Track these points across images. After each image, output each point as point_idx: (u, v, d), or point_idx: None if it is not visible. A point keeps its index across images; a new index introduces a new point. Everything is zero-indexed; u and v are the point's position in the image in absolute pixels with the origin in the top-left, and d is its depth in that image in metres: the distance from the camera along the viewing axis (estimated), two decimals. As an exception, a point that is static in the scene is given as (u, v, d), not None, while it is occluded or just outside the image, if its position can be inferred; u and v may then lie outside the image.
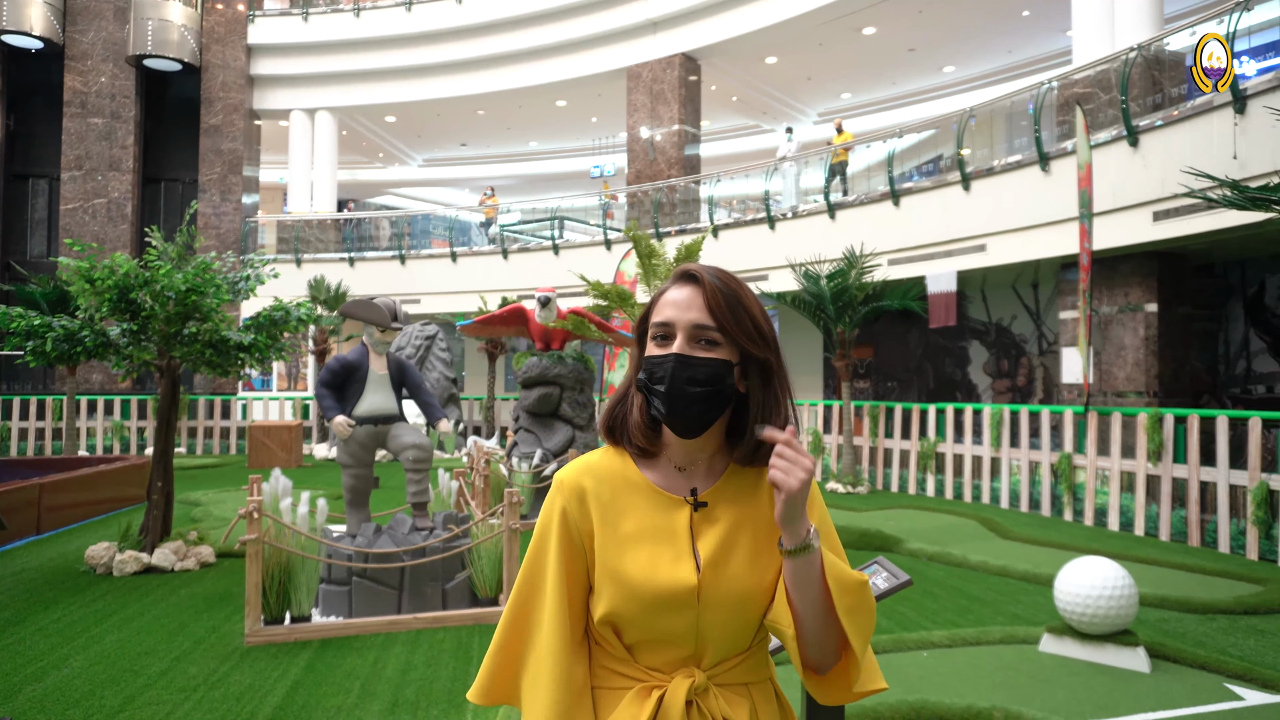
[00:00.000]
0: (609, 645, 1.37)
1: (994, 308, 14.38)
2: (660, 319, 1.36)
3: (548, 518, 1.40)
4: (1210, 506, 8.29)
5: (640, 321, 1.42)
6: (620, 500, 1.37)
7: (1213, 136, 9.22)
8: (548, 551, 1.37)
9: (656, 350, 1.35)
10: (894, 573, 2.43)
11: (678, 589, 1.32)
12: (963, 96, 20.11)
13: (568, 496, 1.38)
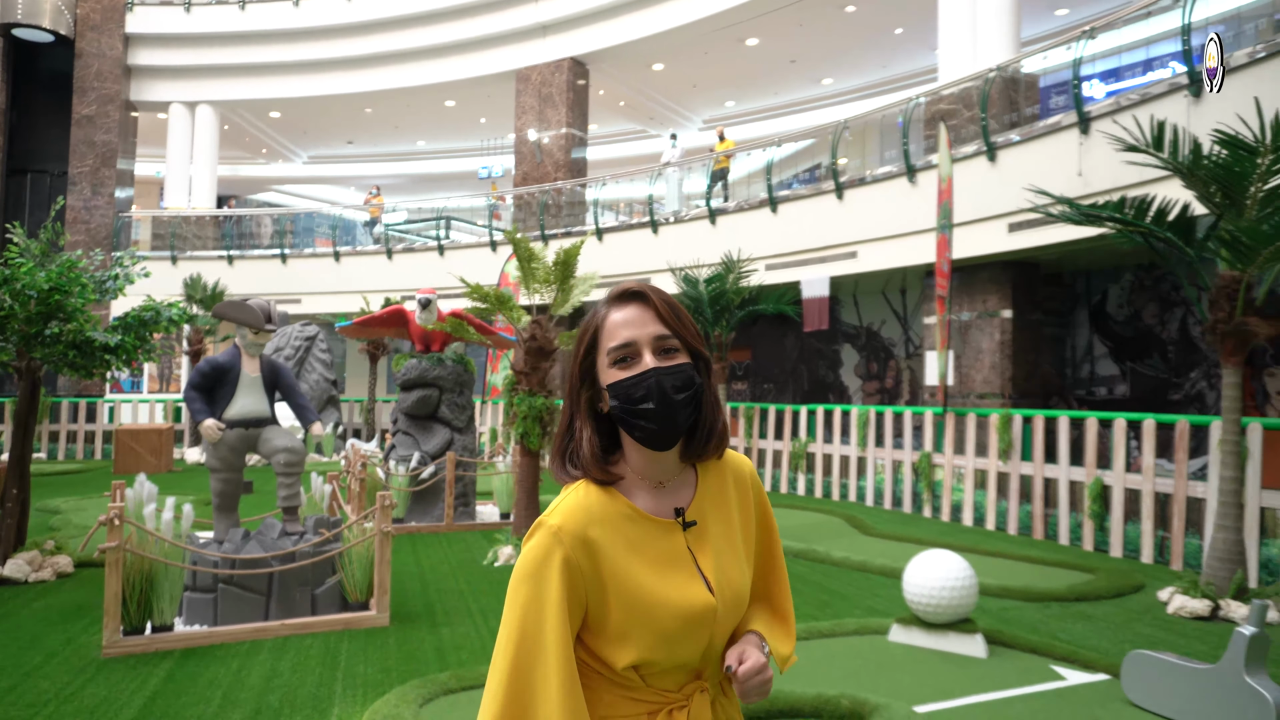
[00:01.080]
0: (619, 677, 1.33)
1: (865, 312, 15.02)
2: (619, 341, 1.34)
3: (542, 570, 1.27)
4: (1053, 501, 8.91)
5: (585, 354, 1.39)
6: (623, 538, 1.32)
7: (1061, 154, 9.91)
8: (546, 608, 1.25)
9: (622, 374, 1.34)
10: None
11: (699, 613, 1.32)
12: (841, 108, 20.88)
13: (571, 546, 1.28)
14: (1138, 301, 11.54)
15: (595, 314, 1.41)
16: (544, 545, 1.28)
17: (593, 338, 1.38)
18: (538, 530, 1.30)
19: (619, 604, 1.29)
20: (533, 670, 1.24)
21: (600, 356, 1.37)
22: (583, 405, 1.39)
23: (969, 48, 12.88)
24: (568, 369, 1.44)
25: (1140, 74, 12.90)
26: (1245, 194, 5.79)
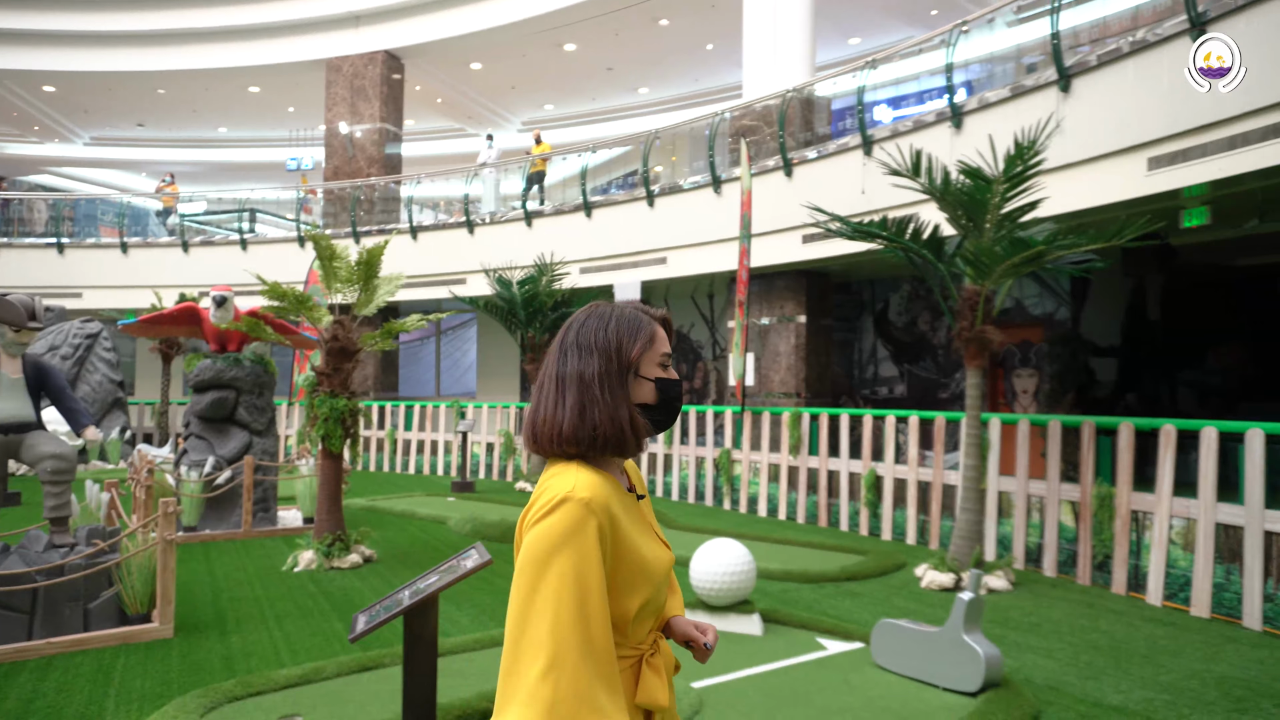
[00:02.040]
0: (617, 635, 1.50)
1: (675, 316, 15.63)
2: (667, 350, 1.62)
3: (578, 537, 1.39)
4: (835, 491, 9.69)
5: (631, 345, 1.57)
6: (622, 508, 1.50)
7: (848, 173, 10.75)
8: (591, 568, 1.39)
9: (666, 375, 1.61)
10: (481, 554, 2.80)
11: (666, 567, 1.58)
12: (657, 117, 21.55)
13: (601, 516, 1.42)
14: (914, 310, 12.68)
15: (642, 321, 1.61)
16: (578, 515, 1.40)
17: (649, 340, 1.60)
18: (566, 503, 1.41)
19: (627, 562, 1.47)
20: (590, 622, 1.37)
21: (651, 356, 1.59)
22: (628, 392, 1.56)
23: (770, 68, 13.69)
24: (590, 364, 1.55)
25: (918, 103, 14.18)
26: (985, 218, 6.58)
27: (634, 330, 1.59)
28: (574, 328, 1.61)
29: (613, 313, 1.61)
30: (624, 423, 1.53)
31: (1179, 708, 4.31)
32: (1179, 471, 6.39)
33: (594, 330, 1.58)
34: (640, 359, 1.58)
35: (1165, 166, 7.39)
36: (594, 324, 1.59)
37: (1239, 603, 5.88)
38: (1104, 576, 6.89)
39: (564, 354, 1.58)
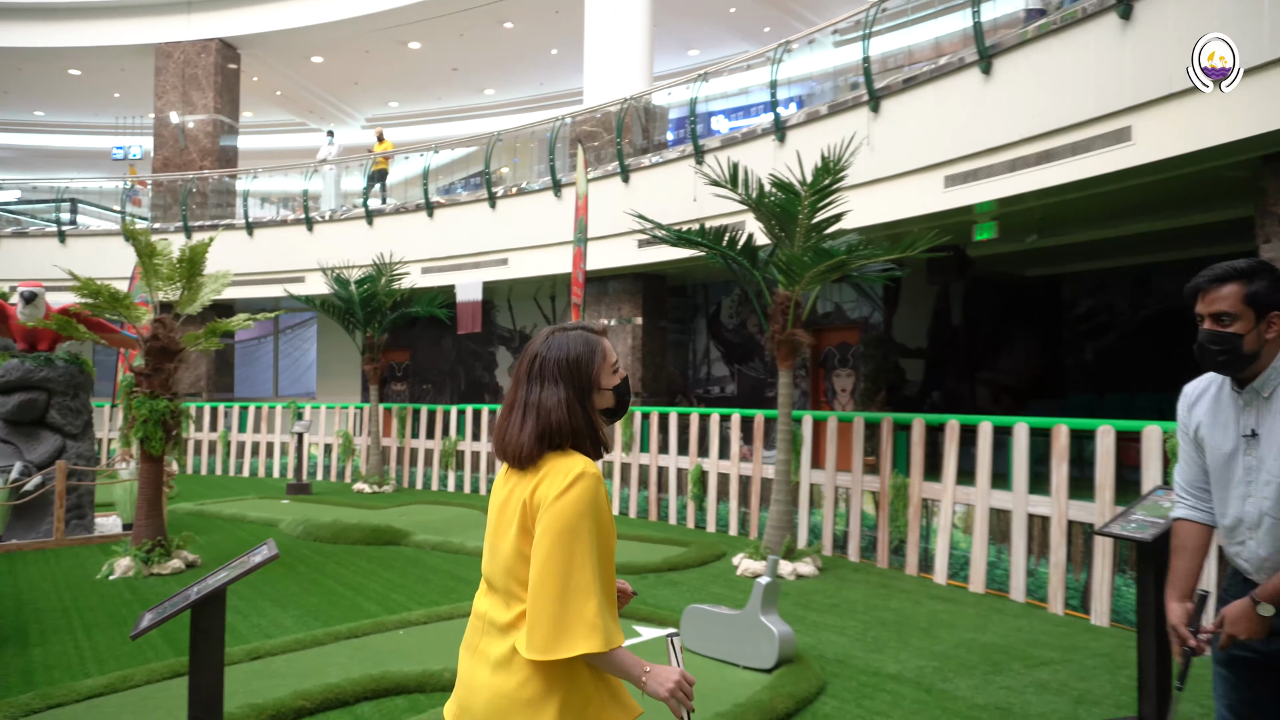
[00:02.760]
0: None
1: (518, 316, 15.77)
2: (614, 357, 1.92)
3: (598, 501, 1.76)
4: (665, 487, 10.11)
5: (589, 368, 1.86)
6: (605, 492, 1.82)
7: (682, 181, 11.17)
8: (606, 524, 1.77)
9: (618, 379, 1.91)
10: (271, 549, 2.92)
11: None
12: (503, 119, 21.55)
13: (602, 489, 1.79)
14: (744, 312, 13.32)
15: (595, 340, 1.91)
16: (593, 486, 1.76)
17: (600, 358, 1.89)
18: (583, 477, 1.75)
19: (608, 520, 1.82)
20: (608, 565, 1.77)
21: (606, 369, 1.89)
22: (592, 403, 1.87)
23: (610, 76, 14.03)
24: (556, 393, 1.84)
25: (754, 115, 14.85)
26: (795, 228, 7.09)
27: (589, 353, 1.87)
28: (537, 359, 1.88)
29: (568, 342, 1.88)
30: (585, 436, 1.85)
31: (944, 673, 4.85)
32: (965, 462, 7.09)
33: (556, 361, 1.86)
34: (599, 375, 1.88)
35: (959, 184, 8.15)
36: (555, 355, 1.86)
37: (1008, 578, 6.60)
38: (899, 559, 7.55)
39: (530, 383, 1.86)
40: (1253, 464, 2.24)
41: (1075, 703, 4.40)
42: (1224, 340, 2.23)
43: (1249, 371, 2.26)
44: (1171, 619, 2.37)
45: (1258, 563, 2.26)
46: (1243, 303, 2.22)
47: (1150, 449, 5.74)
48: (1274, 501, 2.20)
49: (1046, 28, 7.31)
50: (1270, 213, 6.39)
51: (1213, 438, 2.35)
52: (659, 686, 1.74)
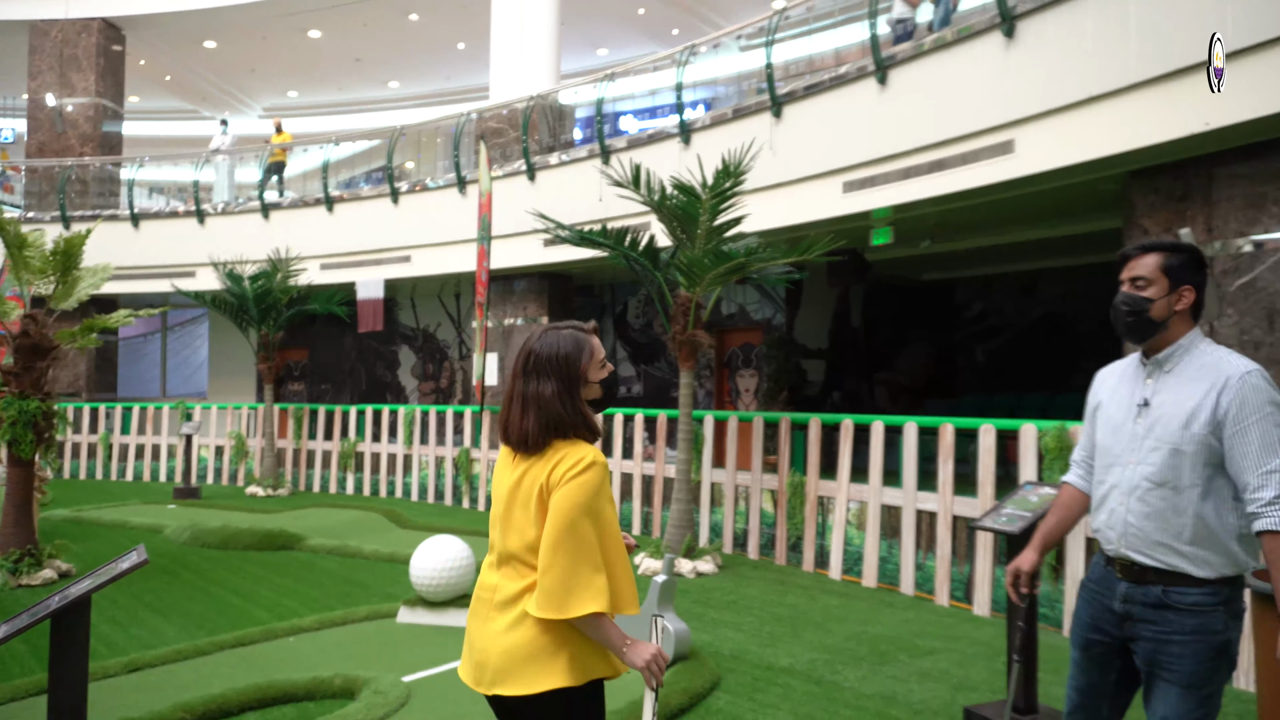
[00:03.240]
0: None
1: (422, 315, 15.50)
2: (603, 354, 2.13)
3: (605, 487, 2.01)
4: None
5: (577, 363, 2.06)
6: None
7: (588, 181, 11.14)
8: (610, 505, 2.02)
9: (606, 373, 2.12)
10: (140, 555, 2.80)
11: None
12: (408, 112, 21.13)
13: (606, 470, 2.04)
14: (649, 313, 13.41)
15: (584, 338, 2.10)
16: (601, 472, 2.00)
17: (590, 353, 2.09)
18: (593, 465, 1.99)
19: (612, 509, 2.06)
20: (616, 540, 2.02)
21: (594, 364, 2.09)
22: (581, 397, 2.08)
23: (517, 72, 13.91)
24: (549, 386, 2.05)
25: (663, 115, 14.95)
26: (696, 230, 7.16)
27: (578, 350, 2.07)
28: (531, 355, 2.08)
29: (559, 340, 2.08)
30: (578, 425, 2.05)
31: (834, 665, 4.98)
32: (860, 460, 7.29)
33: (548, 357, 2.06)
34: (587, 370, 2.08)
35: (857, 190, 8.37)
36: (547, 351, 2.07)
37: (898, 572, 6.82)
38: (797, 556, 7.71)
39: (525, 377, 2.07)
40: (1139, 432, 2.34)
41: (954, 689, 4.58)
42: (1134, 302, 2.33)
43: (1156, 343, 2.36)
44: (1020, 563, 2.51)
45: (1122, 528, 2.34)
46: (1159, 270, 2.32)
47: (1026, 446, 6.01)
48: (1158, 468, 2.28)
49: (943, 41, 7.58)
50: (1137, 224, 6.77)
51: (1108, 409, 2.47)
52: (637, 657, 1.98)
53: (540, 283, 12.36)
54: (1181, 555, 2.26)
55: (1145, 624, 2.31)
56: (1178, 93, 5.97)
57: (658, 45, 18.07)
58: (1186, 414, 2.26)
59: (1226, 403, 2.22)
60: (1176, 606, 2.26)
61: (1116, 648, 2.42)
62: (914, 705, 4.35)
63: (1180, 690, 2.24)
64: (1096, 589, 2.47)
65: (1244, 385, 2.22)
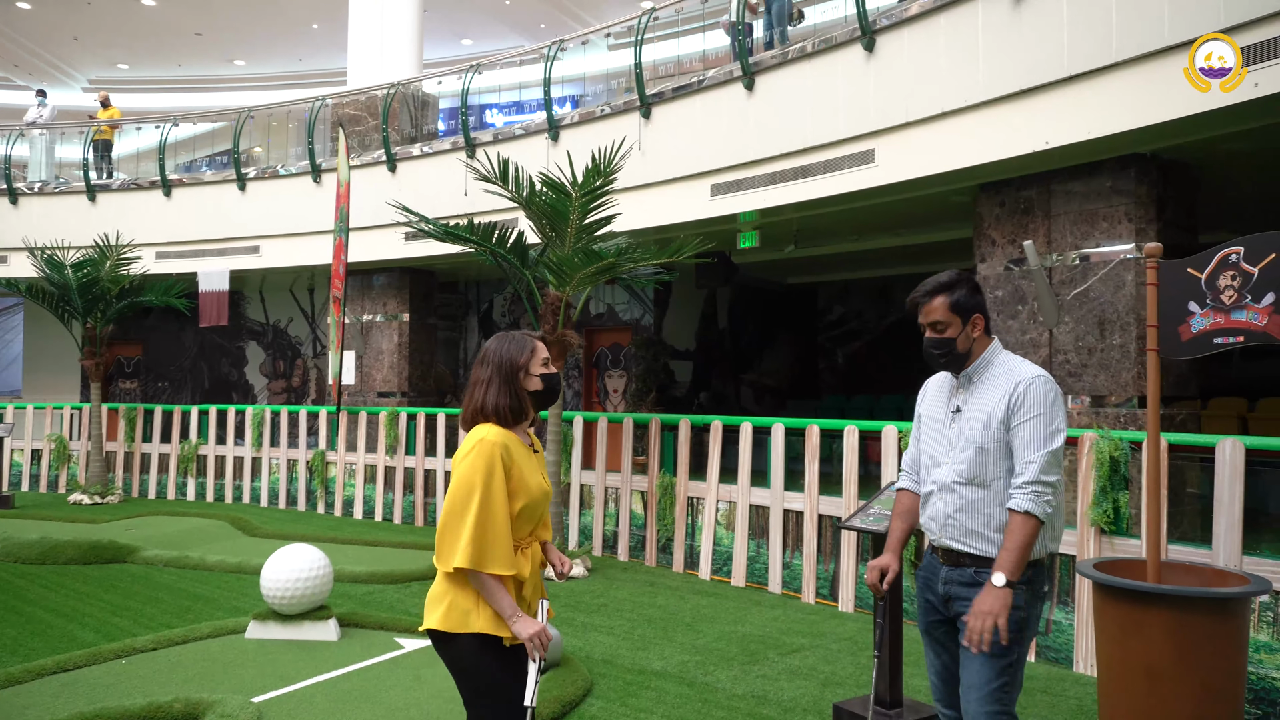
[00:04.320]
0: None
1: (272, 309, 14.67)
2: (546, 355, 2.53)
3: (491, 460, 2.33)
4: (433, 490, 9.75)
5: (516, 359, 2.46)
6: (516, 450, 2.42)
7: (452, 174, 10.80)
8: (496, 477, 2.33)
9: (548, 371, 2.51)
10: None
11: (545, 492, 2.50)
12: (255, 94, 19.97)
13: (501, 448, 2.36)
14: (516, 311, 13.18)
15: (526, 341, 2.51)
16: (488, 450, 2.34)
17: (532, 352, 2.49)
18: (481, 443, 2.35)
19: (514, 478, 2.38)
20: (492, 508, 2.31)
21: (535, 362, 2.49)
22: (520, 386, 2.46)
23: (377, 58, 13.38)
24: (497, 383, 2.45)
25: (529, 111, 14.72)
26: (566, 228, 7.04)
27: (519, 349, 2.48)
28: (483, 352, 2.52)
29: (509, 339, 2.51)
30: (508, 407, 2.43)
31: (706, 666, 4.98)
32: (729, 460, 7.36)
33: (494, 352, 2.49)
34: (528, 364, 2.47)
35: (724, 194, 8.46)
36: (494, 347, 2.50)
37: (766, 572, 6.92)
38: (666, 557, 7.72)
39: (482, 366, 2.48)
40: (954, 435, 2.63)
41: (823, 686, 4.65)
42: (941, 345, 2.64)
43: (966, 365, 2.66)
44: (886, 564, 2.69)
45: (942, 520, 2.62)
46: (949, 310, 2.62)
47: (888, 446, 6.22)
48: (967, 465, 2.57)
49: (805, 50, 7.75)
50: (985, 235, 7.14)
51: (929, 416, 2.77)
52: (523, 629, 2.31)
53: (401, 278, 11.92)
54: (990, 541, 2.54)
55: (961, 601, 2.56)
56: (1021, 112, 6.32)
57: (524, 39, 17.81)
58: (986, 415, 2.57)
59: (1015, 401, 2.53)
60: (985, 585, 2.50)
61: (950, 626, 2.65)
62: (784, 704, 4.39)
63: (984, 658, 2.47)
64: (925, 575, 2.73)
65: (1030, 387, 2.53)
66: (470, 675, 2.40)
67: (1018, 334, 6.83)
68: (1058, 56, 6.08)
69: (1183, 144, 6.10)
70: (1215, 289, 3.23)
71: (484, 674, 2.39)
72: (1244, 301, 3.14)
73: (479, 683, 2.40)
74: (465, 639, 2.36)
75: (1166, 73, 5.59)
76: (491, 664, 2.37)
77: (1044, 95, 6.20)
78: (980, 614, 2.38)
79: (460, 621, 2.34)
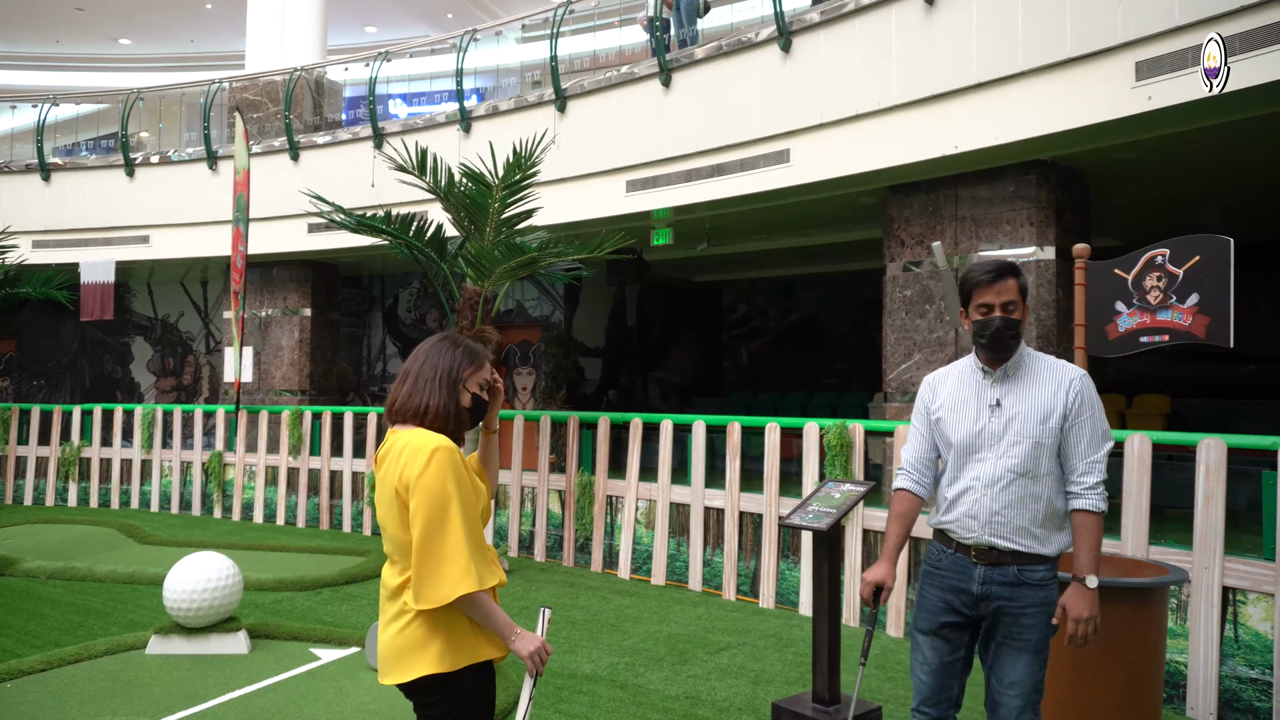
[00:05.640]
0: None
1: (161, 303, 13.93)
2: (488, 374, 2.30)
3: (455, 466, 2.12)
4: (339, 492, 9.43)
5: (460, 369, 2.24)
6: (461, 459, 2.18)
7: (359, 164, 10.46)
8: (465, 484, 2.12)
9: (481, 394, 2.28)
10: None
11: (488, 496, 2.33)
12: (144, 75, 18.92)
13: (456, 453, 2.14)
14: (423, 307, 12.87)
15: (478, 351, 2.29)
16: (448, 456, 2.11)
17: (477, 367, 2.26)
18: (438, 452, 2.10)
19: (471, 483, 2.19)
20: (472, 518, 2.12)
21: (476, 378, 2.26)
22: (460, 399, 2.23)
23: (277, 43, 12.85)
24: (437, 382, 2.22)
25: (436, 102, 14.38)
26: (486, 221, 6.89)
27: (468, 359, 2.25)
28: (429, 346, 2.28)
29: (464, 345, 2.28)
30: (447, 415, 2.20)
31: (636, 667, 4.95)
32: (648, 458, 7.34)
33: (442, 351, 2.25)
34: (468, 379, 2.24)
35: (640, 190, 8.44)
36: (444, 346, 2.26)
37: (687, 569, 6.94)
38: (585, 557, 7.65)
39: (425, 362, 2.24)
40: (997, 429, 2.58)
41: (754, 683, 4.68)
42: (1014, 326, 2.58)
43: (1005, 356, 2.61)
44: (883, 579, 2.63)
45: (987, 516, 2.56)
46: (1019, 293, 2.58)
47: (810, 444, 6.31)
48: (1021, 459, 2.53)
49: (723, 49, 7.79)
50: (895, 236, 7.33)
51: (955, 416, 2.67)
52: (523, 646, 2.10)
53: (303, 271, 11.48)
54: (1035, 537, 2.54)
55: (1003, 600, 2.55)
56: (933, 117, 6.50)
57: (431, 29, 17.40)
58: (1043, 410, 2.55)
59: (1071, 399, 2.54)
60: (1029, 583, 2.54)
61: (969, 627, 2.63)
62: (719, 704, 4.40)
63: (1029, 656, 2.53)
64: (949, 575, 2.65)
65: (1084, 385, 2.58)
66: (465, 711, 2.16)
67: (925, 333, 7.04)
68: (967, 64, 6.28)
69: (1080, 152, 6.40)
70: (1142, 289, 3.38)
71: (477, 703, 2.18)
72: (1169, 302, 3.30)
73: (467, 715, 2.18)
74: (467, 674, 2.12)
75: (1068, 83, 5.84)
76: (485, 691, 2.19)
77: (954, 101, 6.39)
78: (1081, 620, 2.45)
79: (466, 654, 2.11)
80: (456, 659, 2.09)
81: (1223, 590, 4.22)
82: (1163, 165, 6.97)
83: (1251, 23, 5.05)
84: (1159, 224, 8.09)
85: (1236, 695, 4.15)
